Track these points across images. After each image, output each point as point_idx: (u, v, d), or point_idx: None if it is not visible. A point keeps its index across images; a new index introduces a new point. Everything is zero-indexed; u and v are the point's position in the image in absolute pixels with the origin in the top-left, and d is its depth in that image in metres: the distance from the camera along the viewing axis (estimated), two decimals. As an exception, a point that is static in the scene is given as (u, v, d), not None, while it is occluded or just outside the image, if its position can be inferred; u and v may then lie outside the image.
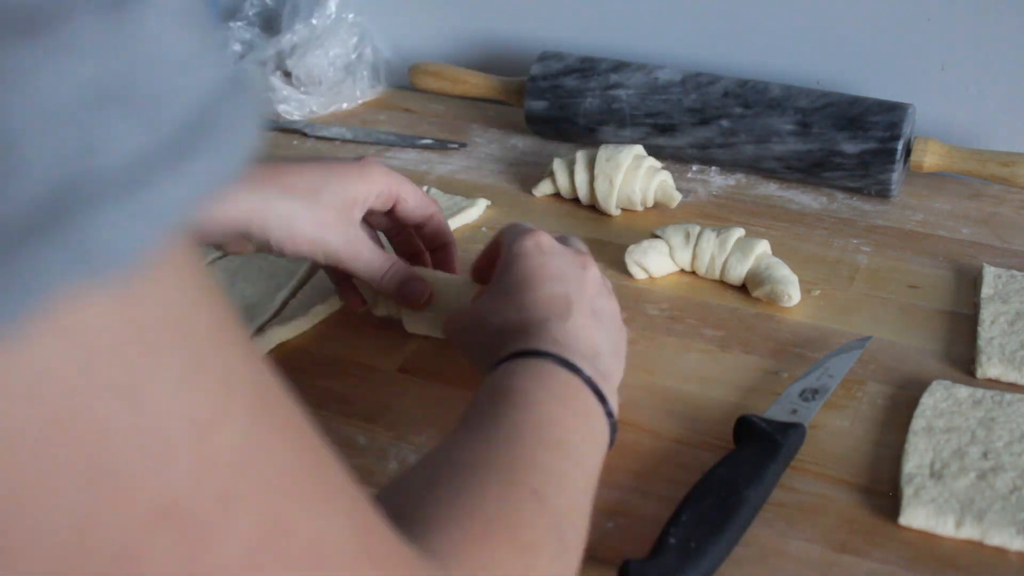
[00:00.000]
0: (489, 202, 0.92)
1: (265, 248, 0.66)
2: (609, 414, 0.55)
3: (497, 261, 0.64)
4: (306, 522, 0.27)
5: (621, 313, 0.64)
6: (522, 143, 1.04)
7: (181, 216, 0.21)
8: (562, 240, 0.64)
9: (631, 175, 0.89)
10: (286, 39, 1.12)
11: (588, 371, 0.54)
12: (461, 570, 0.38)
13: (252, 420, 0.25)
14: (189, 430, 0.23)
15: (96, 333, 0.21)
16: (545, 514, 0.45)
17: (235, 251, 0.68)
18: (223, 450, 0.24)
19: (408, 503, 0.40)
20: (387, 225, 0.74)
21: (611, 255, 0.83)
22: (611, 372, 0.58)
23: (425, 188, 0.93)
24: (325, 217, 0.65)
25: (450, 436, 0.49)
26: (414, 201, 0.71)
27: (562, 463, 0.48)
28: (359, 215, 0.68)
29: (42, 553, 0.21)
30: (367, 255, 0.67)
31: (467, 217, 0.89)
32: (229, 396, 0.25)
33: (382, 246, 0.72)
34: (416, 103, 1.14)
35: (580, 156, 0.91)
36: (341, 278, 0.73)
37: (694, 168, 0.98)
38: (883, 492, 0.61)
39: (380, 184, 0.69)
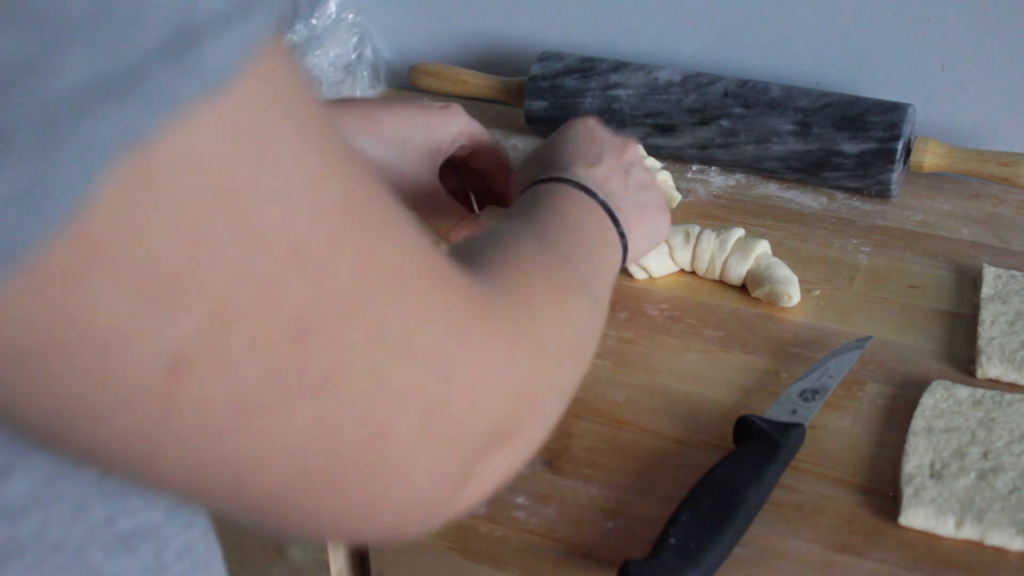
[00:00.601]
0: None
1: None
2: (621, 234, 0.62)
3: None
4: (388, 249, 0.33)
5: (624, 315, 0.64)
6: (522, 143, 1.04)
7: (263, 40, 0.27)
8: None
9: (631, 175, 0.89)
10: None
11: (601, 196, 0.62)
12: (503, 290, 0.44)
13: (345, 174, 0.31)
14: (307, 182, 0.29)
15: (232, 109, 0.26)
16: (573, 272, 0.52)
17: None
18: (330, 198, 0.30)
19: (454, 255, 0.46)
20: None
21: (611, 255, 0.83)
22: (630, 219, 0.64)
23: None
24: (407, 169, 0.72)
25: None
26: (489, 151, 0.77)
27: (581, 246, 0.56)
28: (441, 160, 0.74)
29: (211, 290, 0.27)
30: (440, 211, 0.74)
31: None
32: (330, 153, 0.30)
33: (464, 186, 0.80)
34: (416, 103, 1.14)
35: (580, 156, 0.91)
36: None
37: (694, 168, 0.98)
38: (883, 492, 0.61)
39: (463, 133, 0.74)
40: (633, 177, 0.68)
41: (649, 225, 0.68)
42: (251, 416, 0.29)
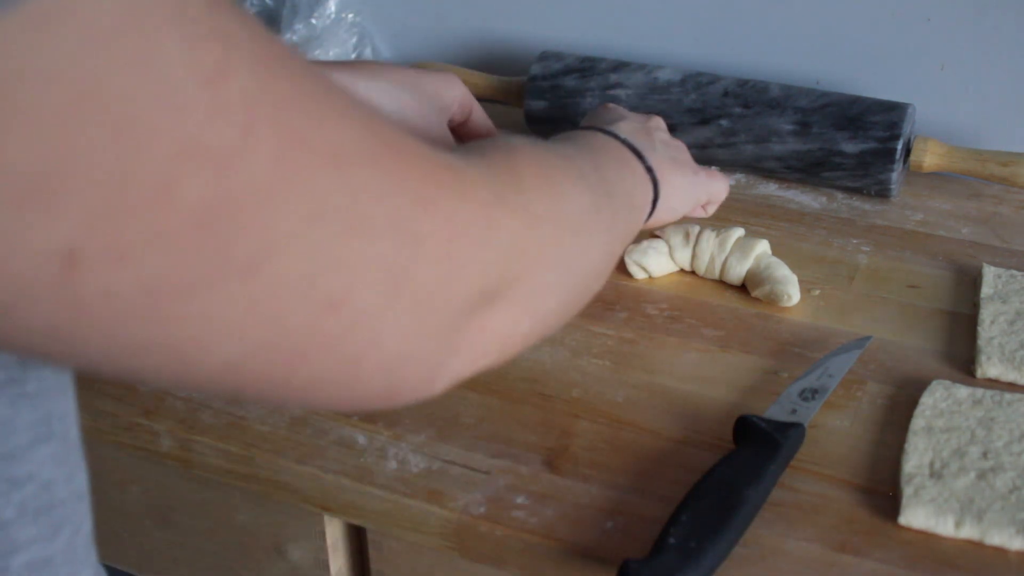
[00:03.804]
0: None
1: None
2: (649, 168, 0.65)
3: None
4: (322, 133, 0.32)
5: (624, 315, 0.64)
6: (522, 143, 1.04)
7: None
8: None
9: (631, 175, 0.89)
10: (286, 39, 1.12)
11: (624, 135, 0.64)
12: (485, 164, 0.44)
13: (256, 64, 0.30)
14: (199, 82, 0.28)
15: (101, 18, 0.26)
16: (569, 165, 0.52)
17: None
18: (234, 92, 0.29)
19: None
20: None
21: (611, 255, 0.83)
22: (663, 166, 0.67)
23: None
24: (426, 111, 0.74)
25: None
26: (481, 115, 0.80)
27: (587, 156, 0.58)
28: (446, 117, 0.77)
29: (90, 192, 0.27)
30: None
31: None
32: (231, 50, 0.29)
33: None
34: (416, 103, 1.14)
35: (580, 156, 0.91)
36: None
37: (694, 168, 0.98)
38: (883, 492, 0.61)
39: (462, 94, 0.77)
40: (660, 137, 0.71)
41: (683, 178, 0.71)
42: (168, 301, 0.29)
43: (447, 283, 0.38)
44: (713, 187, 0.76)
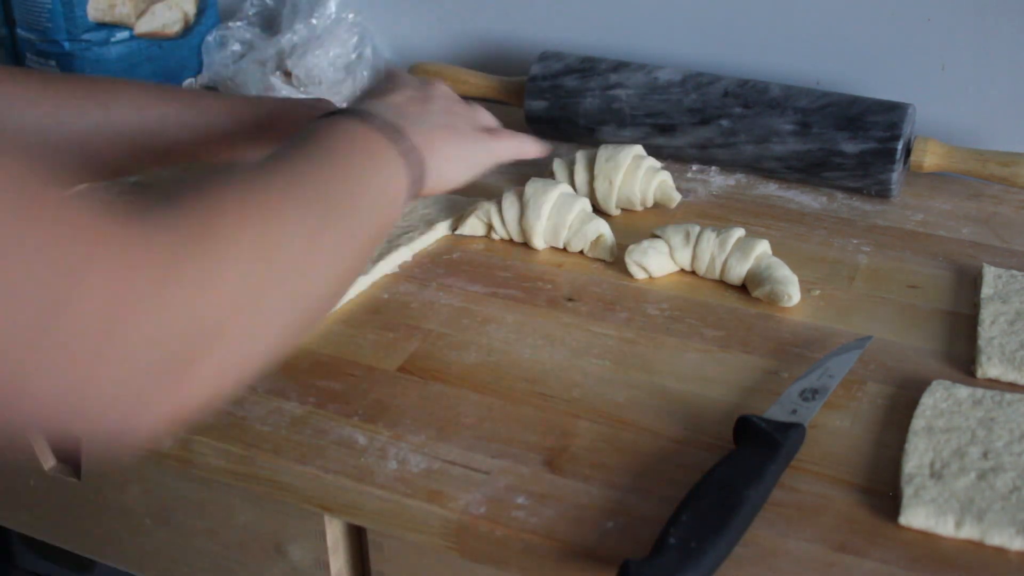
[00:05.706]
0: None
1: None
2: (407, 152, 0.62)
3: None
4: None
5: (624, 315, 0.63)
6: (522, 143, 1.04)
7: None
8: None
9: (631, 175, 0.89)
10: (286, 39, 1.12)
11: (381, 119, 0.62)
12: (171, 226, 0.42)
13: None
14: None
15: None
16: (290, 198, 0.50)
17: None
18: None
19: (144, 193, 0.48)
20: None
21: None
22: (435, 140, 0.66)
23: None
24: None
25: None
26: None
27: (322, 171, 0.55)
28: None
29: None
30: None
31: (424, 242, 0.87)
32: None
33: None
34: (416, 103, 1.14)
35: (580, 156, 0.91)
36: None
37: (694, 168, 0.98)
38: (883, 492, 0.61)
39: None
40: (437, 103, 0.70)
41: (457, 148, 0.70)
42: None
43: (100, 355, 0.37)
44: (497, 149, 0.75)
